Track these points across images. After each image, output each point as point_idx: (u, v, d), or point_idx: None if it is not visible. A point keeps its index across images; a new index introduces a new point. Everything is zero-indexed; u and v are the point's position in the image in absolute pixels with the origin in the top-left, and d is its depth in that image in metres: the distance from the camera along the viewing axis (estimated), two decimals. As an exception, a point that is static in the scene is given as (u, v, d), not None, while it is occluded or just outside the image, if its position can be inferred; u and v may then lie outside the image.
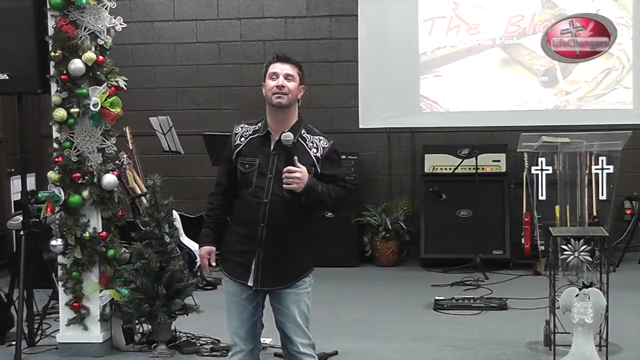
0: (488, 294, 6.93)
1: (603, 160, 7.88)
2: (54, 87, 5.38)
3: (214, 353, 5.46)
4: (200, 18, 8.96)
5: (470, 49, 8.33)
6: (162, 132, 8.03)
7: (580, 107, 8.28)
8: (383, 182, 8.81)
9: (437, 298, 6.64)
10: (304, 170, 3.64)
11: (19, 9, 5.36)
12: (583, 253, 5.04)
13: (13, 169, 8.17)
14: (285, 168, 3.63)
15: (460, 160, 8.08)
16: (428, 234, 8.26)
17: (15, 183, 7.75)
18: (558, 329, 5.08)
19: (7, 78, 5.38)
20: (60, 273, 5.46)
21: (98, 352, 5.44)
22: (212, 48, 8.95)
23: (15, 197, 7.81)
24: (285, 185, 3.63)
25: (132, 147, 7.11)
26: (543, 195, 7.89)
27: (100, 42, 5.36)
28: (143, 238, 5.52)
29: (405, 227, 8.27)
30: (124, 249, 5.60)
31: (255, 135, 3.81)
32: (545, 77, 8.29)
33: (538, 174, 7.94)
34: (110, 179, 5.42)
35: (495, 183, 8.19)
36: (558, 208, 6.19)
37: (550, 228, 5.45)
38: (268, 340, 5.19)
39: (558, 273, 5.17)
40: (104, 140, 5.43)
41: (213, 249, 3.89)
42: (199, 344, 5.60)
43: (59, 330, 5.55)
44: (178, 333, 5.65)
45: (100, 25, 5.34)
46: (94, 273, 5.45)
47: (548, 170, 7.85)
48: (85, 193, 5.36)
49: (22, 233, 5.58)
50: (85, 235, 5.36)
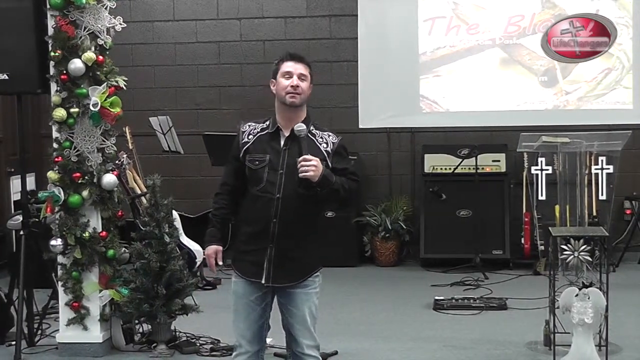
0: (488, 294, 6.93)
1: (603, 160, 7.88)
2: (54, 87, 5.37)
3: (214, 353, 5.46)
4: (200, 18, 8.95)
5: (470, 49, 8.33)
6: (162, 132, 8.03)
7: (580, 107, 8.29)
8: (383, 182, 8.81)
9: (437, 298, 6.64)
10: (318, 161, 3.64)
11: (19, 9, 5.35)
12: (583, 253, 5.03)
13: (13, 169, 8.16)
14: (301, 157, 3.62)
15: (460, 160, 8.06)
16: (428, 234, 8.25)
17: (15, 183, 7.75)
18: (558, 329, 5.07)
19: (7, 78, 5.38)
20: (60, 273, 5.46)
21: (98, 352, 5.44)
22: (212, 48, 8.95)
23: (15, 197, 7.80)
24: (302, 174, 3.60)
25: (132, 147, 7.10)
26: (543, 195, 7.89)
27: (100, 42, 5.36)
28: (143, 238, 5.52)
29: (405, 227, 8.27)
30: (124, 249, 5.59)
31: (264, 133, 3.81)
32: (545, 77, 8.29)
33: (538, 174, 7.95)
34: (110, 179, 5.42)
35: (495, 183, 8.17)
36: (558, 208, 6.20)
37: (550, 228, 5.44)
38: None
39: (558, 273, 5.16)
40: (104, 140, 5.42)
41: (220, 248, 3.89)
42: (199, 344, 5.60)
43: (59, 330, 5.55)
44: (178, 333, 5.64)
45: (100, 25, 5.34)
46: (94, 273, 5.44)
47: (548, 170, 7.85)
48: (85, 193, 5.35)
49: (22, 233, 5.57)
50: (85, 235, 5.36)
